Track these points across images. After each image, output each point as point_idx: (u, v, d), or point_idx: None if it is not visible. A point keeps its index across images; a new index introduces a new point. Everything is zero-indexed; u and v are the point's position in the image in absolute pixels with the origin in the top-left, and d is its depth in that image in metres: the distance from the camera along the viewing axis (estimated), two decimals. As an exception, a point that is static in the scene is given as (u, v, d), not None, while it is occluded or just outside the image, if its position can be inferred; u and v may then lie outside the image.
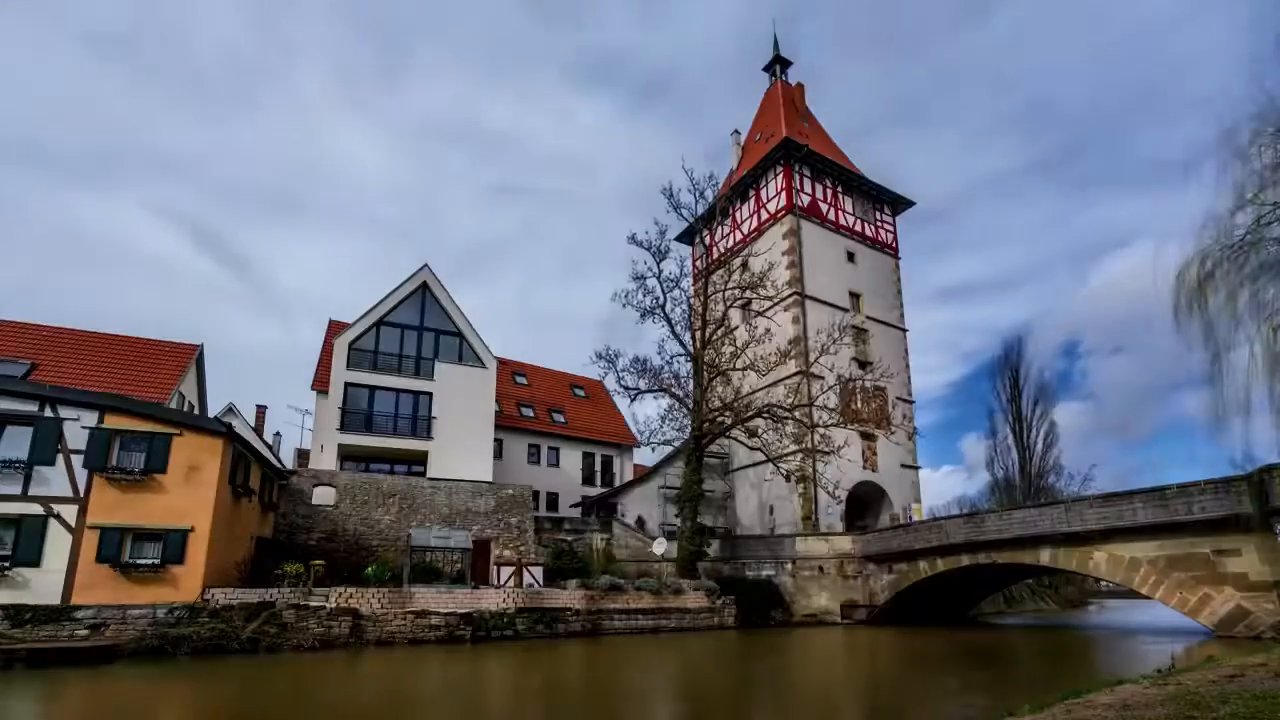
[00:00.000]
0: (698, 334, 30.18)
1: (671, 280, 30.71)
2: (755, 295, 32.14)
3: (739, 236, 40.85)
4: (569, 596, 22.63)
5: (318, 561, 21.27)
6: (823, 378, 31.66)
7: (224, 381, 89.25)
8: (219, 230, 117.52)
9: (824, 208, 39.55)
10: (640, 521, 34.77)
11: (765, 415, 29.03)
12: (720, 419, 29.91)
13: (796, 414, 29.51)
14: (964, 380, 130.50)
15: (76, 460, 17.54)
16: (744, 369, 30.48)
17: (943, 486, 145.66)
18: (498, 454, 33.26)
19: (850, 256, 39.57)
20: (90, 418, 17.91)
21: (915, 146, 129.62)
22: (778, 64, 47.08)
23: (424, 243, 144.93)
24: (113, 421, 18.10)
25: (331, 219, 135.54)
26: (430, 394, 30.25)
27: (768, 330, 32.98)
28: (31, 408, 17.59)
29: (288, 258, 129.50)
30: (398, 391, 29.88)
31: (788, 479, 31.85)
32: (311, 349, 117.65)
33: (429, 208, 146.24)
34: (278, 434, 39.15)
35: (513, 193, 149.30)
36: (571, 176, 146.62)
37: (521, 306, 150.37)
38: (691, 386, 30.19)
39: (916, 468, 38.35)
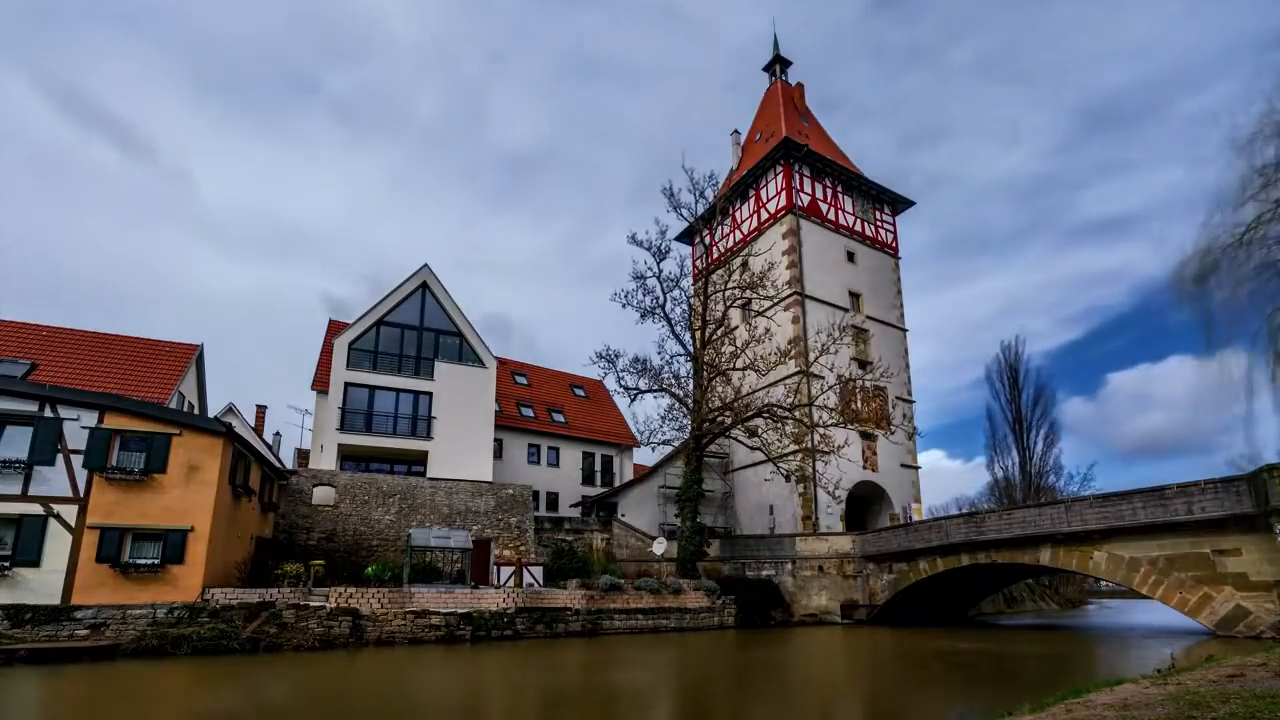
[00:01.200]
0: (697, 334, 30.19)
1: (671, 280, 30.81)
2: (755, 295, 32.17)
3: (739, 236, 40.84)
4: (569, 596, 22.61)
5: (317, 561, 21.32)
6: (822, 378, 31.68)
7: (225, 364, 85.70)
8: (205, 118, 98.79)
9: (824, 207, 39.56)
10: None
11: (765, 415, 29.03)
12: (720, 419, 29.90)
13: (796, 414, 29.53)
14: (1067, 346, 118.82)
15: (76, 460, 17.52)
16: (744, 369, 30.50)
17: (966, 481, 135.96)
18: (498, 454, 33.28)
19: (850, 256, 39.59)
20: (90, 418, 17.90)
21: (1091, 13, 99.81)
22: (777, 64, 47.11)
23: (465, 151, 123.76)
24: (112, 421, 18.09)
25: (352, 113, 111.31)
26: (430, 394, 30.28)
27: (767, 330, 33.00)
28: (31, 408, 17.58)
29: (297, 181, 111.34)
30: (398, 391, 29.90)
31: (788, 479, 31.84)
32: (315, 308, 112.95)
33: (474, 103, 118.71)
34: (278, 434, 39.29)
35: (587, 70, 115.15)
36: (675, 39, 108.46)
37: (575, 247, 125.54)
38: (691, 386, 30.21)
39: (916, 467, 38.36)
